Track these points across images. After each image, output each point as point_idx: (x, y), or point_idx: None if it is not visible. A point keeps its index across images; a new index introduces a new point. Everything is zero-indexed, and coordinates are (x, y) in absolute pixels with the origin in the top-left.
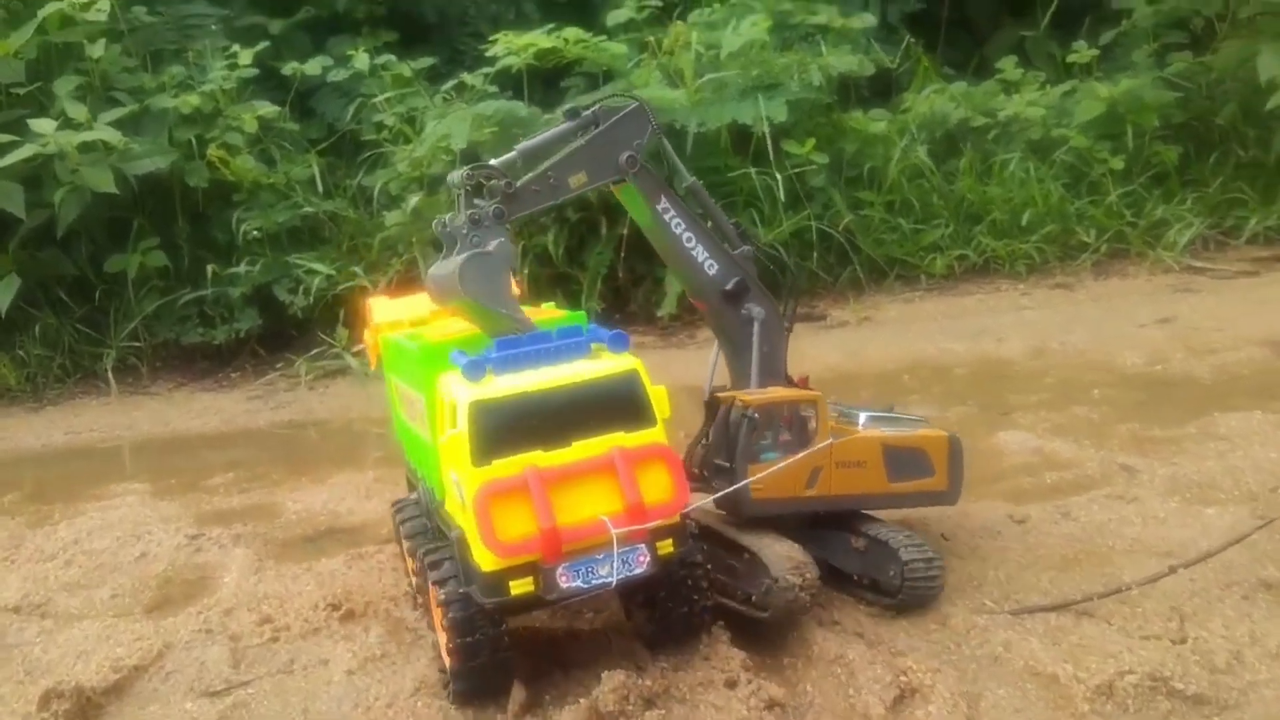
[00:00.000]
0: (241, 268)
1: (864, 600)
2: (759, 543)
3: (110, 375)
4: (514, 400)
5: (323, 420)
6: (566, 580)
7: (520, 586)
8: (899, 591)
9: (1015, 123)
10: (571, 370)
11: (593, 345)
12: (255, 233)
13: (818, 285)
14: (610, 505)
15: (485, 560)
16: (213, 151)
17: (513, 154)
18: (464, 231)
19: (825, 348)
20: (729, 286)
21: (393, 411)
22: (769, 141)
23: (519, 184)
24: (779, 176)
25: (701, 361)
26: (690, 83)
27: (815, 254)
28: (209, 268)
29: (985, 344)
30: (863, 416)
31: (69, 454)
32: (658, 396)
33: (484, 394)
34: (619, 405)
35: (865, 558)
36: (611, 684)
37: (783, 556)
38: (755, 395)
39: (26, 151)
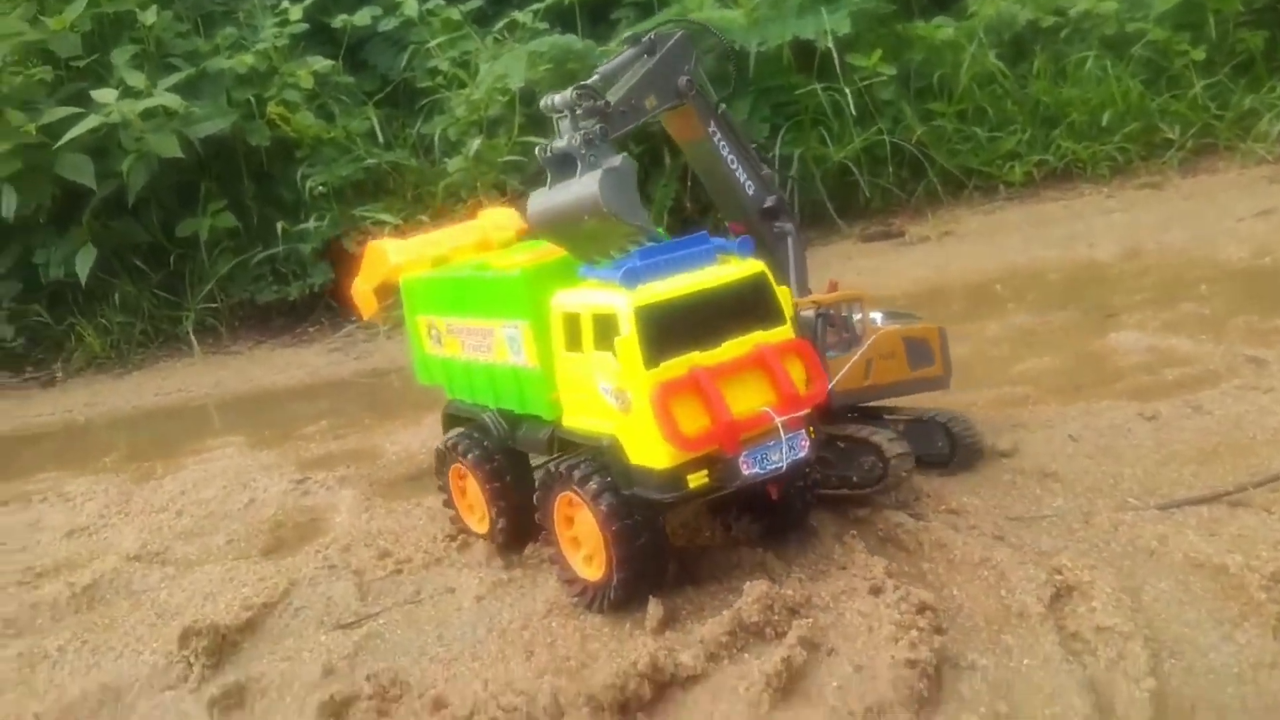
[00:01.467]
0: (310, 223)
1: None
2: (856, 430)
3: (192, 337)
4: (675, 303)
5: (404, 366)
6: (747, 468)
7: (696, 480)
8: (953, 455)
9: (1088, 19)
10: (713, 274)
11: (718, 253)
12: (320, 188)
13: (892, 202)
14: (764, 397)
15: (661, 458)
16: (272, 109)
17: (595, 77)
18: (581, 152)
19: (906, 264)
20: (767, 205)
21: (419, 353)
22: (834, 56)
23: (611, 105)
24: (847, 91)
25: None
26: (746, 1)
27: (889, 169)
28: (278, 225)
29: (1076, 249)
30: (878, 315)
31: (160, 414)
32: (783, 295)
33: (648, 298)
34: (754, 305)
35: (910, 436)
36: (754, 594)
37: (884, 437)
38: (818, 298)
39: (92, 122)
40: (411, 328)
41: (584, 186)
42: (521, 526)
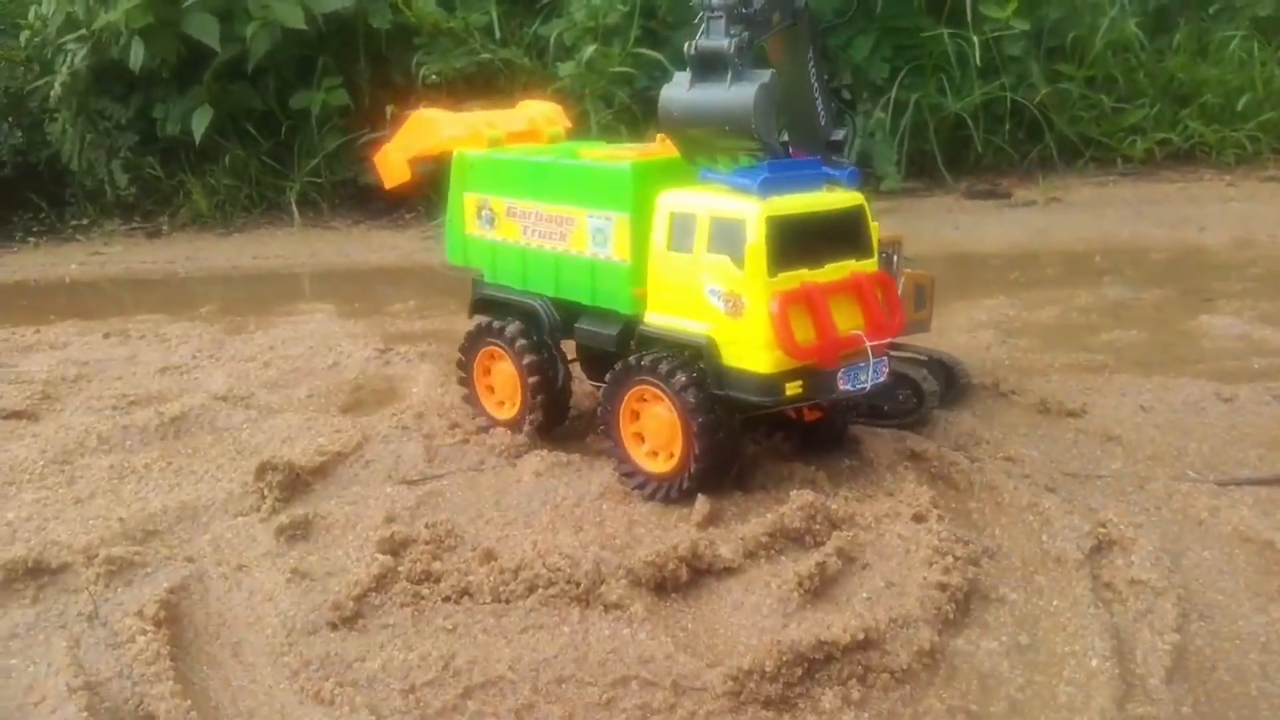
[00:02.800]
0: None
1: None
2: (894, 365)
3: (294, 207)
4: (797, 219)
5: None
6: (843, 383)
7: (793, 389)
8: (948, 394)
9: None
10: (827, 199)
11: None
12: (433, 77)
13: (1003, 161)
14: (854, 321)
15: (764, 363)
16: None
17: None
18: (735, 60)
19: (1009, 225)
20: (835, 137)
21: (455, 233)
22: (967, 2)
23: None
24: (975, 41)
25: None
26: None
27: (1006, 128)
28: (388, 109)
29: (1185, 232)
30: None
31: (256, 276)
32: (875, 231)
33: (777, 210)
34: (853, 234)
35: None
36: (799, 502)
37: (919, 374)
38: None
39: None
40: (454, 204)
41: (737, 97)
42: (553, 417)
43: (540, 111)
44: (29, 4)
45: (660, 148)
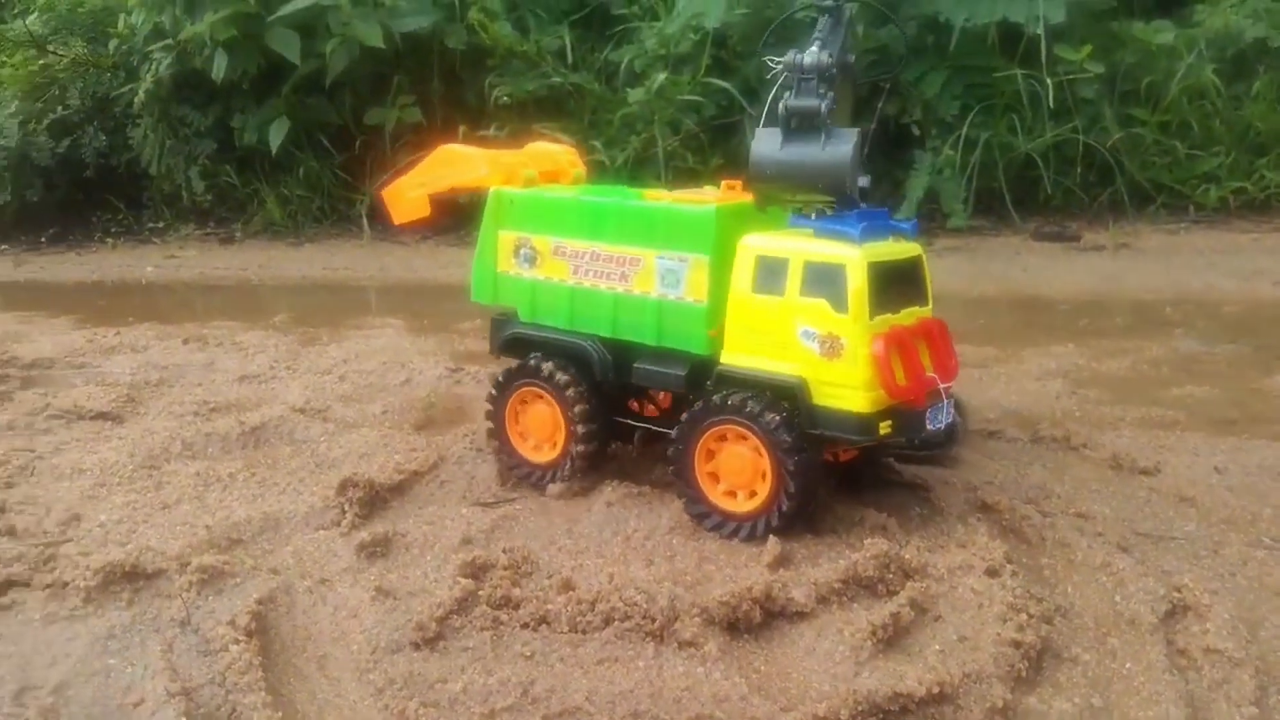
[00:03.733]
0: (490, 131)
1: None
2: None
3: (364, 220)
4: (888, 265)
5: None
6: (929, 423)
7: (885, 428)
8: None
9: None
10: (901, 247)
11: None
12: (505, 98)
13: (1073, 203)
14: (926, 364)
15: (862, 403)
16: (473, 14)
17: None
18: (828, 121)
19: (1078, 270)
20: (863, 184)
21: (486, 270)
22: (1043, 43)
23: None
24: (1049, 82)
25: (936, 269)
26: None
27: (1077, 170)
28: (460, 128)
29: (1259, 285)
30: None
31: (326, 287)
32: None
33: (875, 256)
34: (918, 281)
35: None
36: (873, 551)
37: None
38: None
39: (305, 1)
40: (486, 242)
41: (832, 156)
42: (595, 458)
43: (560, 152)
44: (119, 12)
45: (726, 193)
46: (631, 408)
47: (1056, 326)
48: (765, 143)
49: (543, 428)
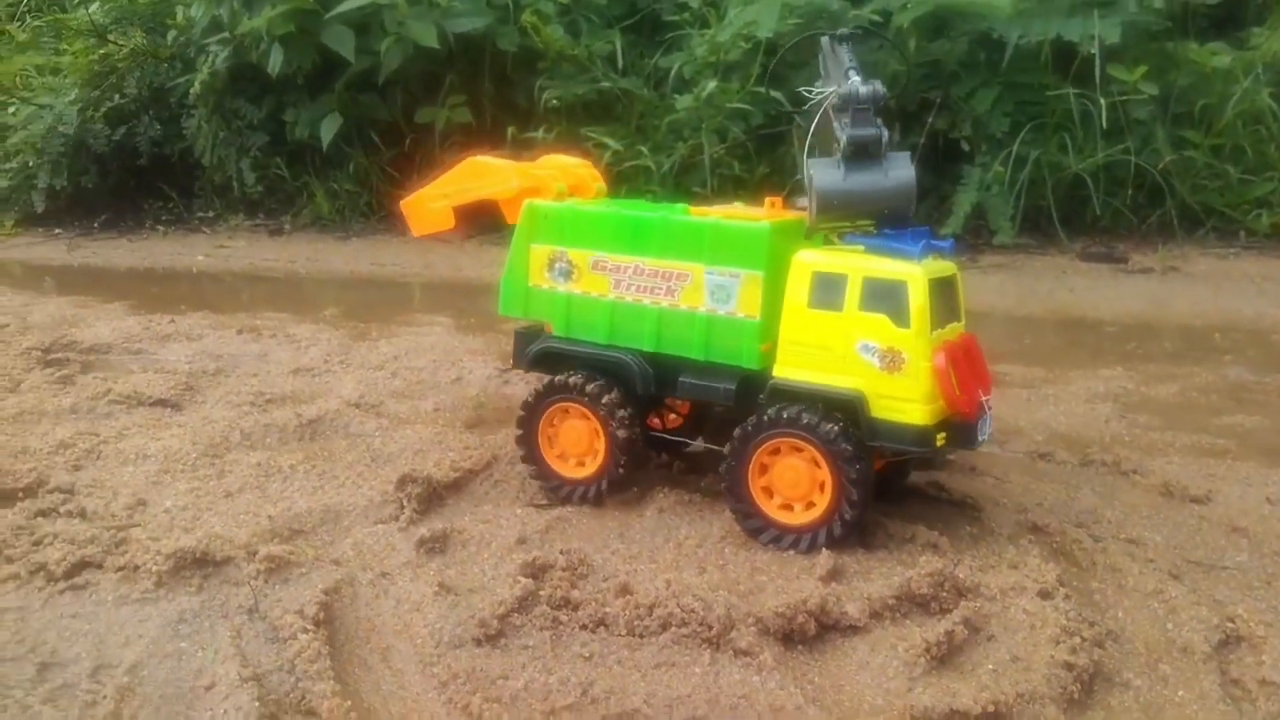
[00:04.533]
0: (539, 133)
1: None
2: None
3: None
4: (941, 282)
5: None
6: (980, 435)
7: (940, 439)
8: None
9: None
10: (947, 265)
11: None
12: (554, 101)
13: (1121, 224)
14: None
15: (920, 415)
16: (526, 17)
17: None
18: (886, 149)
19: (1125, 292)
20: None
21: (517, 284)
22: (1097, 63)
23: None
24: (1102, 102)
25: (982, 286)
26: None
27: (1128, 191)
28: (509, 129)
29: None
30: None
31: (373, 282)
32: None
33: (933, 273)
34: (956, 298)
35: None
36: (928, 568)
37: None
38: None
39: (362, 0)
40: (518, 255)
41: (897, 183)
42: (631, 472)
43: (577, 165)
44: (177, 5)
45: (770, 210)
46: (652, 423)
47: (1104, 349)
48: (828, 175)
49: (579, 443)
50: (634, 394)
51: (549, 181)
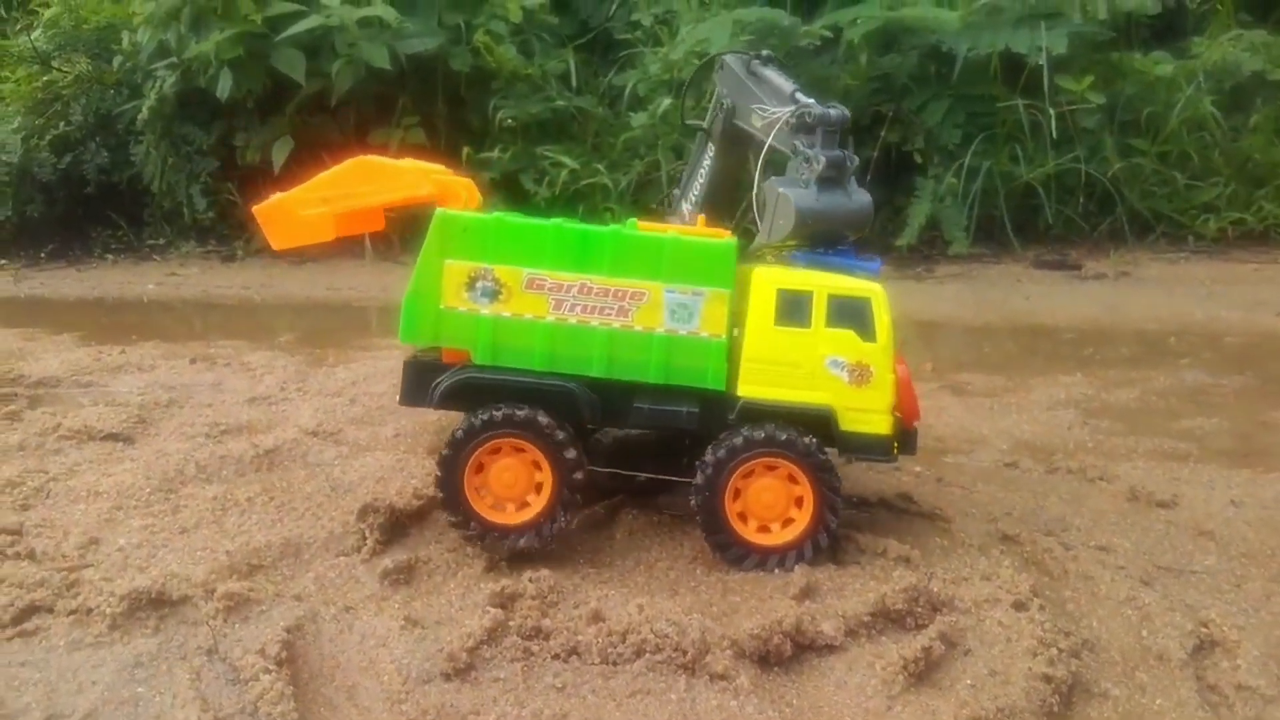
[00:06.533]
0: (494, 153)
1: None
2: None
3: (367, 241)
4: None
5: None
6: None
7: (896, 448)
8: None
9: None
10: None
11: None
12: (509, 121)
13: (1073, 231)
14: None
15: (884, 425)
16: (479, 37)
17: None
18: (852, 174)
19: (1080, 299)
20: None
21: (427, 306)
22: (1046, 74)
23: None
24: (1051, 112)
25: (938, 296)
26: (964, 3)
27: (1079, 199)
28: (464, 150)
29: (1262, 316)
30: None
31: (330, 307)
32: None
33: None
34: None
35: None
36: (902, 584)
37: None
38: None
39: (312, 22)
40: (426, 273)
41: (859, 203)
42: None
43: (441, 173)
44: (123, 30)
45: (699, 228)
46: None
47: (1062, 355)
48: (803, 196)
49: (515, 484)
50: (585, 425)
51: (457, 187)
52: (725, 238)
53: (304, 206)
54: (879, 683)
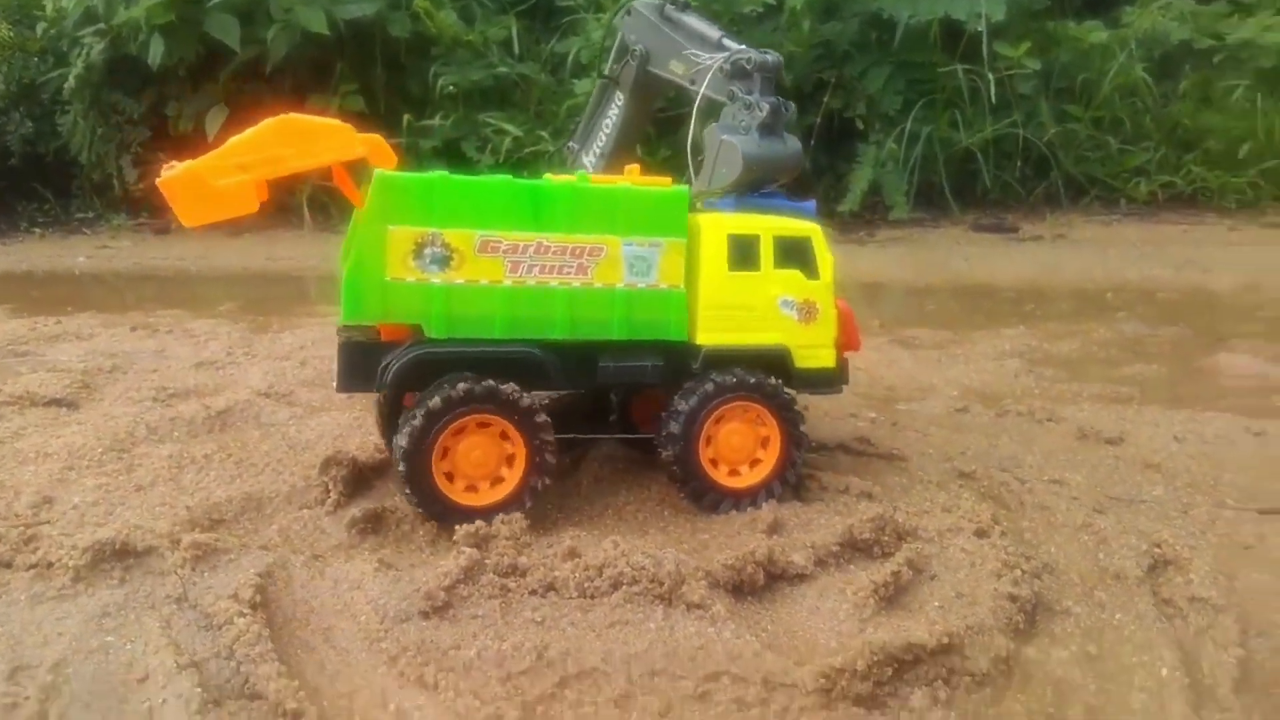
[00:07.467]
0: (435, 120)
1: None
2: None
3: (305, 210)
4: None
5: None
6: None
7: (841, 379)
8: None
9: (1246, 49)
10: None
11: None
12: (450, 88)
13: (1010, 195)
14: None
15: (831, 358)
16: (419, 3)
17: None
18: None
19: (1018, 260)
20: None
21: (372, 278)
22: (985, 40)
23: None
24: (990, 77)
25: (881, 259)
26: None
27: (1017, 164)
28: (404, 117)
29: (1191, 274)
30: None
31: (270, 277)
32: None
33: None
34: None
35: None
36: (869, 514)
37: None
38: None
39: None
40: (368, 243)
41: (795, 148)
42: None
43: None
44: None
45: (629, 176)
46: None
47: (1003, 312)
48: (748, 143)
49: (485, 462)
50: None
51: (386, 146)
52: (672, 186)
53: (219, 175)
54: (851, 607)
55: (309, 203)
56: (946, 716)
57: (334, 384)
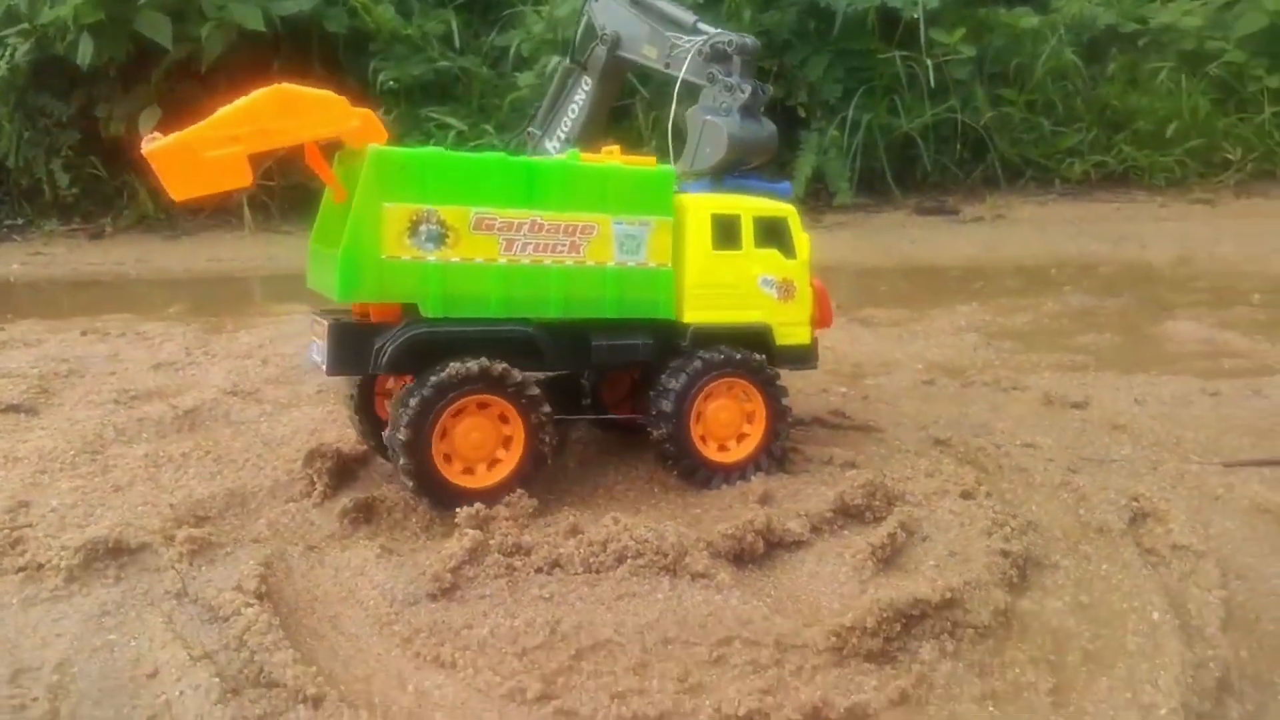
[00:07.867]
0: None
1: None
2: None
3: (246, 211)
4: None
5: None
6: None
7: (815, 355)
8: None
9: (1168, 32)
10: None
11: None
12: (391, 83)
13: (950, 179)
14: None
15: (807, 335)
16: None
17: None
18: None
19: (961, 241)
20: None
21: (368, 257)
22: (922, 27)
23: None
24: (928, 63)
25: (829, 244)
26: None
27: (956, 148)
28: None
29: (1128, 249)
30: None
31: (215, 279)
32: None
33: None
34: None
35: None
36: (859, 480)
37: None
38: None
39: None
40: (363, 220)
41: (770, 129)
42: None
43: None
44: None
45: (605, 155)
46: None
47: (953, 290)
48: (732, 124)
49: (484, 445)
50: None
51: (377, 120)
52: (658, 165)
53: (210, 146)
54: (850, 569)
55: (249, 203)
56: (955, 667)
57: (323, 367)
